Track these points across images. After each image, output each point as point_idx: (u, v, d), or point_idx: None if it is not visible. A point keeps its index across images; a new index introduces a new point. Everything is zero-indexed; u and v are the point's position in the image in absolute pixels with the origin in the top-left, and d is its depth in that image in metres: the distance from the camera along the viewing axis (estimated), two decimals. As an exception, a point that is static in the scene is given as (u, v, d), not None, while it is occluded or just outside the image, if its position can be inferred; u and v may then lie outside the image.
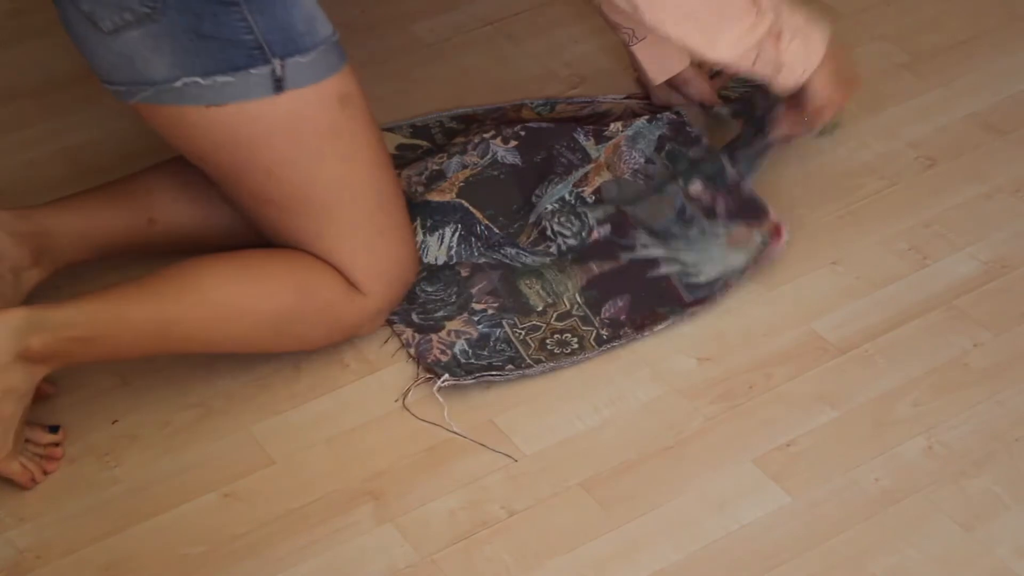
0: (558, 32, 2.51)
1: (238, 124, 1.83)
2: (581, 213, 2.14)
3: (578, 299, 2.06)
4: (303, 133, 1.85)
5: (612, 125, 2.25)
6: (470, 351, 1.99)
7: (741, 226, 2.12)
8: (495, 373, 1.96)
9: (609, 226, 2.12)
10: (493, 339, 2.01)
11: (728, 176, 2.18)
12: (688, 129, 2.27)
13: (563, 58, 2.46)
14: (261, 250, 1.94)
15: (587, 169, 2.18)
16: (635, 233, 2.12)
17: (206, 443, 1.92)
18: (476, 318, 2.03)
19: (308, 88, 1.83)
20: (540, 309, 2.05)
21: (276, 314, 1.90)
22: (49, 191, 2.22)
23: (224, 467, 1.89)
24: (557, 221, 2.13)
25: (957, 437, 1.89)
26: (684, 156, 2.22)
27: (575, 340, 2.01)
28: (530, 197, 2.16)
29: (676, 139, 2.24)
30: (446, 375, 1.95)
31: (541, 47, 2.48)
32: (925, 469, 1.85)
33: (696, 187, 2.17)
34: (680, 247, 2.11)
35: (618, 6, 1.97)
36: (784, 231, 2.10)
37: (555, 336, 2.02)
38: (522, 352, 2.00)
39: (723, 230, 2.12)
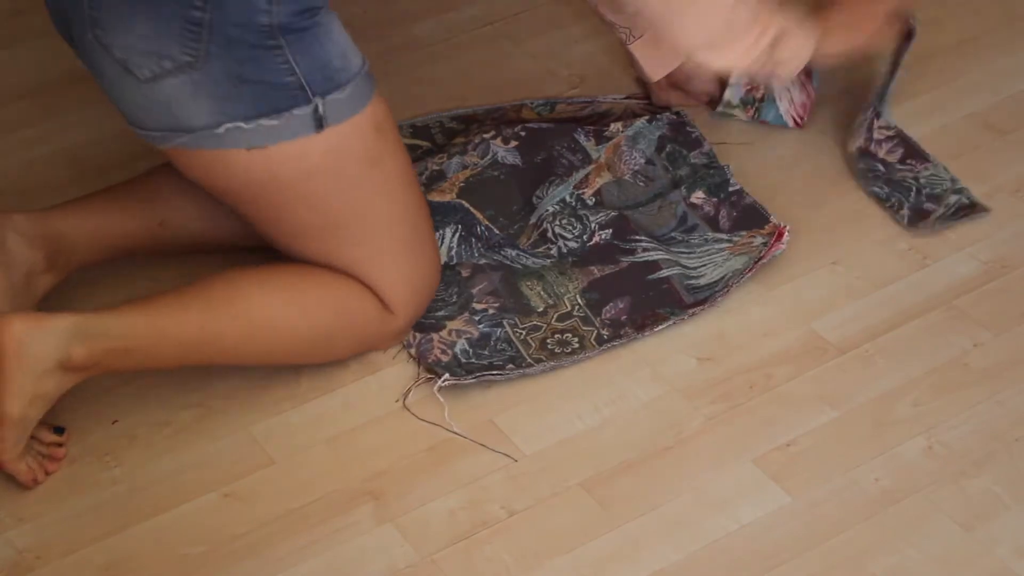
0: (558, 32, 2.51)
1: (280, 164, 1.81)
2: (582, 215, 2.14)
3: (579, 300, 2.06)
4: (343, 166, 1.85)
5: (612, 125, 2.25)
6: (471, 351, 1.99)
7: (744, 235, 2.12)
8: (496, 373, 1.96)
9: (610, 230, 2.12)
10: (494, 339, 2.01)
11: (731, 185, 2.18)
12: (688, 129, 2.27)
13: (563, 58, 2.46)
14: (298, 267, 1.93)
15: (588, 170, 2.18)
16: (636, 237, 2.12)
17: (206, 443, 1.92)
18: (477, 318, 2.03)
19: (346, 122, 1.83)
20: (541, 310, 2.05)
21: (314, 334, 1.92)
22: (49, 191, 2.22)
23: (224, 467, 1.89)
24: (558, 223, 2.13)
25: (957, 437, 1.89)
26: (685, 159, 2.23)
27: (576, 340, 2.01)
28: (530, 198, 2.16)
29: (676, 140, 2.25)
30: (447, 375, 1.95)
31: (541, 47, 2.48)
32: (925, 469, 1.85)
33: (698, 196, 2.17)
34: (681, 252, 2.11)
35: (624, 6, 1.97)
36: (785, 233, 2.10)
37: (556, 336, 2.02)
38: (523, 352, 2.00)
39: (726, 239, 2.12)
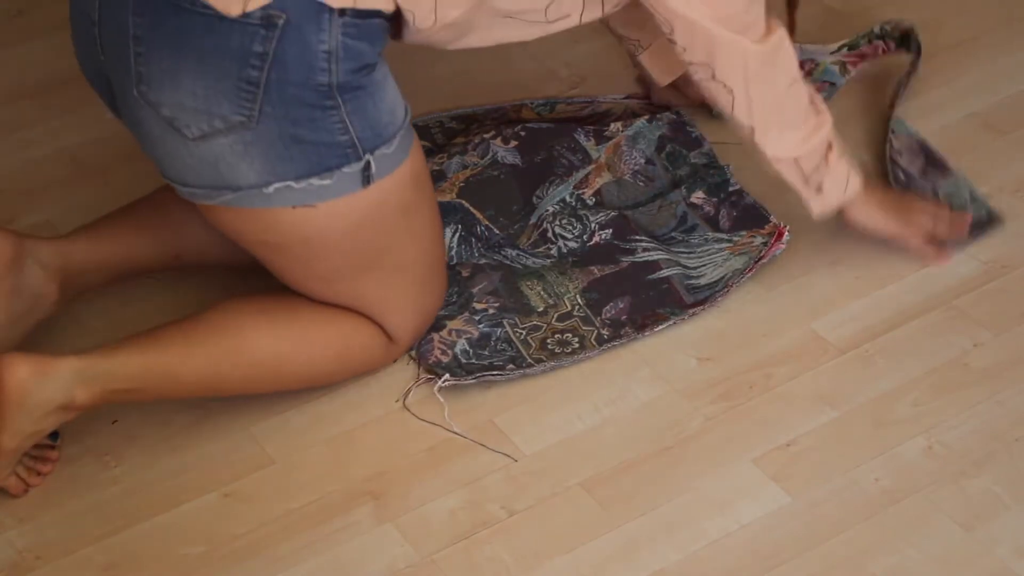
0: (558, 32, 2.50)
1: (325, 220, 1.79)
2: (582, 216, 2.14)
3: (579, 300, 2.06)
4: (382, 217, 1.83)
5: (612, 125, 2.25)
6: (471, 351, 1.99)
7: (744, 235, 2.12)
8: (496, 373, 1.96)
9: (610, 230, 2.12)
10: (494, 339, 2.01)
11: (731, 185, 2.18)
12: (688, 129, 2.27)
13: (563, 58, 2.46)
14: (305, 306, 1.91)
15: (588, 170, 2.18)
16: (636, 237, 2.12)
17: (206, 443, 1.92)
18: (477, 317, 2.03)
19: (389, 176, 1.81)
20: (541, 310, 2.05)
21: (316, 372, 1.93)
22: (49, 191, 2.22)
23: (224, 467, 1.89)
24: (558, 223, 2.13)
25: (957, 437, 1.89)
26: (685, 159, 2.23)
27: (576, 340, 2.01)
28: (530, 198, 2.16)
29: (676, 140, 2.25)
30: (447, 375, 1.95)
31: (541, 47, 2.48)
32: (925, 469, 1.85)
33: (699, 196, 2.18)
34: (681, 252, 2.11)
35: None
36: (786, 233, 2.10)
37: (556, 336, 2.02)
38: (523, 352, 2.00)
39: (726, 239, 2.12)
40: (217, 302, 1.89)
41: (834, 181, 2.00)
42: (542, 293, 2.07)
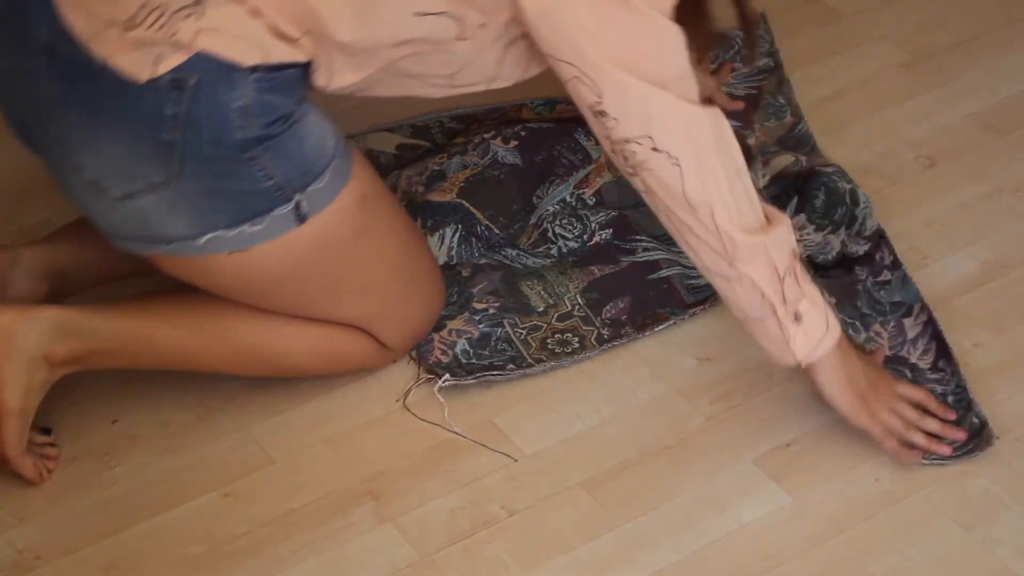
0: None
1: (266, 262, 1.79)
2: (583, 215, 2.14)
3: (579, 300, 2.06)
4: (331, 246, 1.82)
5: (612, 125, 2.25)
6: (471, 351, 1.99)
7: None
8: (496, 373, 1.96)
9: (611, 230, 2.12)
10: (494, 339, 2.01)
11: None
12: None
13: (563, 58, 2.46)
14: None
15: (588, 170, 2.18)
16: (636, 237, 2.12)
17: (206, 443, 1.92)
18: (477, 317, 2.03)
19: (328, 207, 1.78)
20: (541, 310, 2.05)
21: (296, 367, 1.93)
22: (48, 191, 2.21)
23: (224, 467, 1.89)
24: (558, 223, 2.13)
25: (957, 437, 1.89)
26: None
27: (576, 340, 2.01)
28: (531, 198, 2.16)
29: (676, 139, 2.24)
30: (447, 375, 1.95)
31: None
32: (925, 469, 1.85)
33: None
34: (682, 252, 2.10)
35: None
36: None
37: (556, 336, 2.02)
38: (523, 352, 2.00)
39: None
40: None
41: (813, 309, 1.78)
42: (542, 293, 2.07)
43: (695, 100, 1.72)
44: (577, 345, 2.01)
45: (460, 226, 2.11)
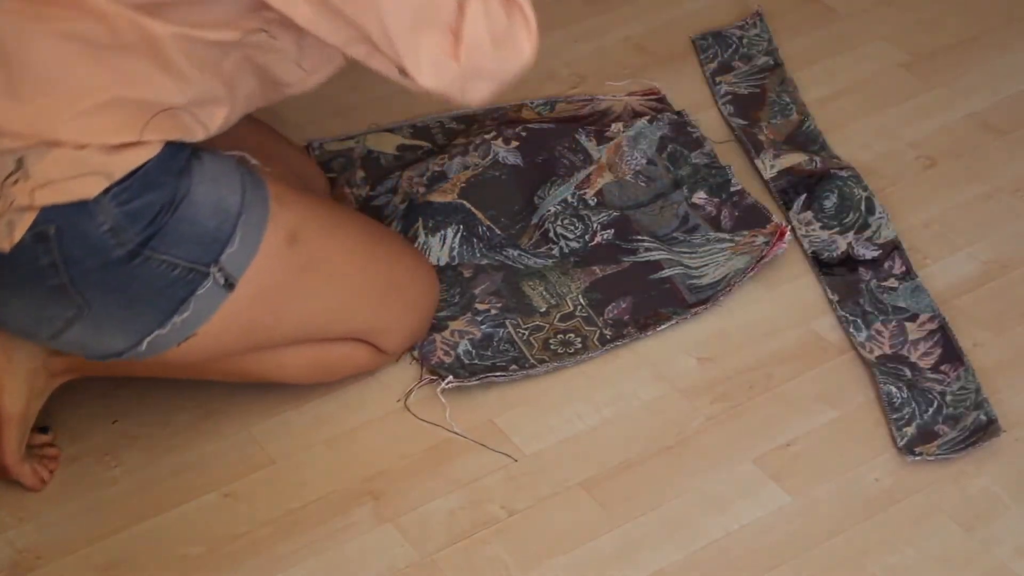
0: (558, 32, 2.51)
1: (216, 336, 1.76)
2: (584, 216, 2.14)
3: (581, 300, 2.06)
4: (277, 294, 1.79)
5: (613, 126, 2.25)
6: (474, 351, 1.99)
7: (745, 234, 2.12)
8: (499, 374, 1.96)
9: (612, 230, 2.12)
10: (496, 339, 2.01)
11: (732, 185, 2.18)
12: (690, 130, 2.27)
13: (563, 58, 2.46)
14: None
15: (589, 170, 2.18)
16: (638, 237, 2.12)
17: (206, 443, 1.92)
18: (479, 318, 2.03)
19: (253, 263, 1.74)
20: (543, 310, 2.05)
21: (291, 376, 1.91)
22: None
23: (224, 467, 1.89)
24: (560, 223, 2.13)
25: (957, 437, 1.89)
26: (687, 159, 2.23)
27: (578, 340, 2.01)
28: (532, 198, 2.16)
29: (678, 140, 2.25)
30: (450, 376, 1.95)
31: (541, 47, 2.47)
32: (925, 469, 1.85)
33: (700, 196, 2.17)
34: (683, 252, 2.11)
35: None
36: (787, 233, 2.10)
37: (558, 336, 2.02)
38: (526, 352, 2.00)
39: (728, 239, 2.12)
40: None
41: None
42: (544, 293, 2.07)
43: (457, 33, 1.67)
44: (580, 345, 2.01)
45: (461, 226, 2.11)
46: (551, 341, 2.01)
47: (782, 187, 2.19)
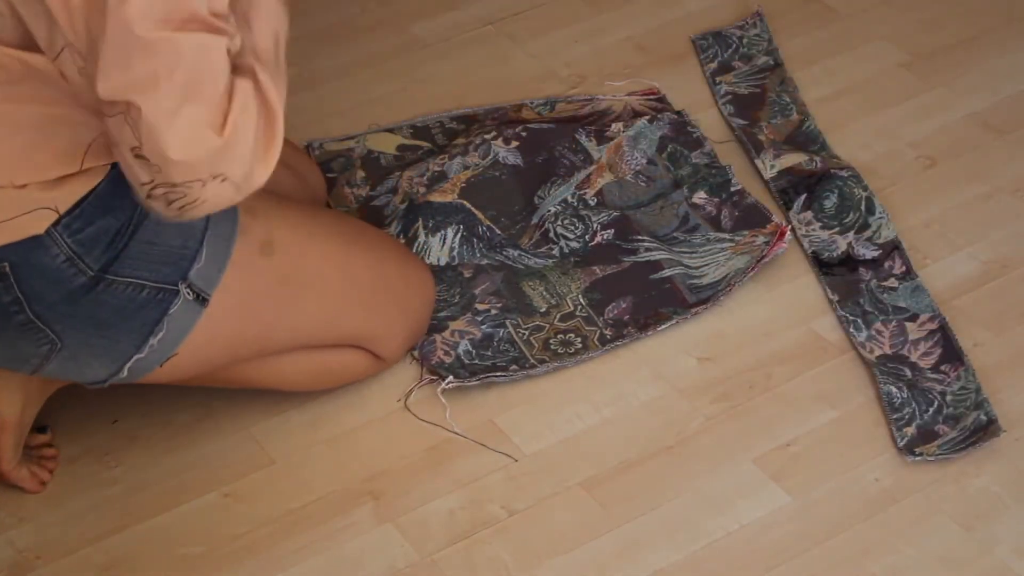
0: (558, 32, 2.51)
1: (199, 352, 1.74)
2: (584, 216, 2.14)
3: (581, 300, 2.06)
4: (258, 304, 1.77)
5: (613, 126, 2.25)
6: (474, 352, 1.99)
7: (746, 234, 2.12)
8: (499, 374, 1.96)
9: (612, 230, 2.12)
10: (497, 339, 2.01)
11: (732, 185, 2.18)
12: (690, 130, 2.27)
13: (563, 58, 2.46)
14: None
15: (589, 170, 2.18)
16: (638, 237, 2.12)
17: (206, 443, 1.92)
18: (479, 318, 2.03)
19: (224, 277, 1.72)
20: (543, 310, 2.05)
21: (291, 383, 1.91)
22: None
23: (224, 467, 1.89)
24: (560, 223, 2.13)
25: (957, 437, 1.89)
26: (687, 159, 2.23)
27: (579, 340, 2.01)
28: (532, 198, 2.16)
29: (678, 140, 2.25)
30: (450, 376, 1.95)
31: (541, 47, 2.48)
32: (925, 469, 1.85)
33: (700, 196, 2.17)
34: (683, 251, 2.11)
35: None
36: (787, 233, 2.10)
37: (559, 336, 2.02)
38: (526, 352, 2.00)
39: (728, 239, 2.12)
40: None
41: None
42: (544, 293, 2.07)
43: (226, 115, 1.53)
44: (580, 345, 2.01)
45: (462, 227, 2.11)
46: (551, 341, 2.01)
47: (782, 187, 2.19)
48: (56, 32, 1.52)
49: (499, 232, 2.12)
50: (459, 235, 2.11)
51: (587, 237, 2.12)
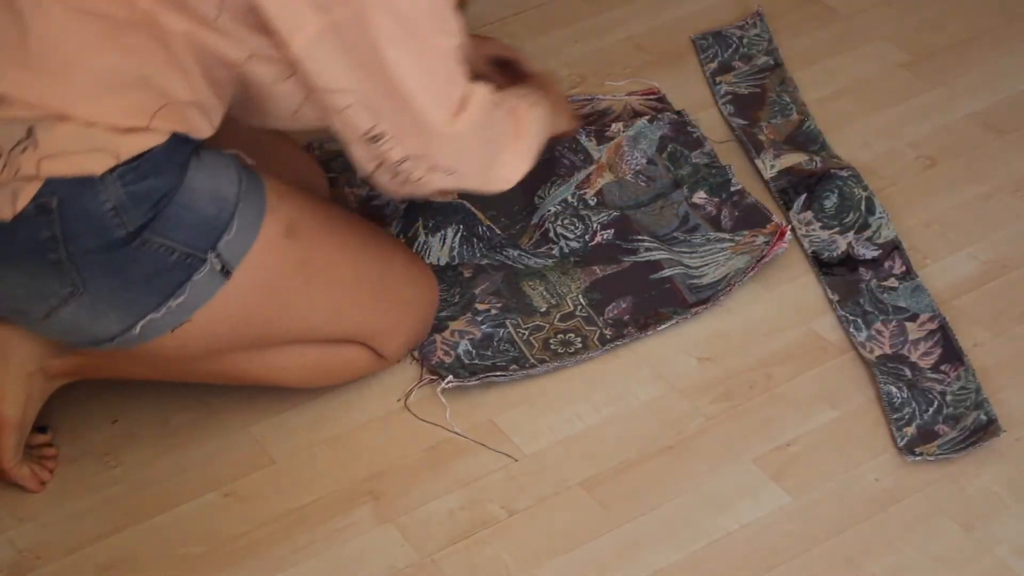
0: (558, 32, 2.51)
1: (211, 323, 1.76)
2: (584, 216, 2.14)
3: (581, 300, 2.06)
4: (273, 286, 1.80)
5: (613, 125, 2.25)
6: (474, 351, 1.99)
7: (746, 234, 2.12)
8: (499, 374, 1.96)
9: (612, 230, 2.12)
10: (497, 339, 2.01)
11: (732, 185, 2.18)
12: (690, 129, 2.27)
13: (563, 58, 2.46)
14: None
15: (589, 170, 2.18)
16: (638, 237, 2.12)
17: (206, 443, 1.92)
18: (479, 318, 2.03)
19: (250, 252, 1.75)
20: (543, 310, 2.05)
21: (293, 379, 1.91)
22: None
23: (224, 467, 1.89)
24: (560, 223, 2.13)
25: (957, 437, 1.89)
26: (687, 160, 2.23)
27: (579, 340, 2.01)
28: (532, 198, 2.16)
29: (678, 140, 2.25)
30: (450, 376, 1.95)
31: (541, 47, 2.48)
32: (925, 469, 1.85)
33: (700, 196, 2.17)
34: (683, 251, 2.11)
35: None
36: (787, 233, 2.10)
37: (559, 336, 2.02)
38: (526, 352, 2.00)
39: (728, 238, 2.12)
40: None
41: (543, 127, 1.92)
42: (544, 293, 2.07)
43: (464, 102, 1.76)
44: (580, 345, 2.01)
45: (462, 227, 2.11)
46: (551, 341, 2.01)
47: (782, 187, 2.19)
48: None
49: (499, 232, 2.12)
50: (459, 235, 2.11)
51: (587, 237, 2.12)
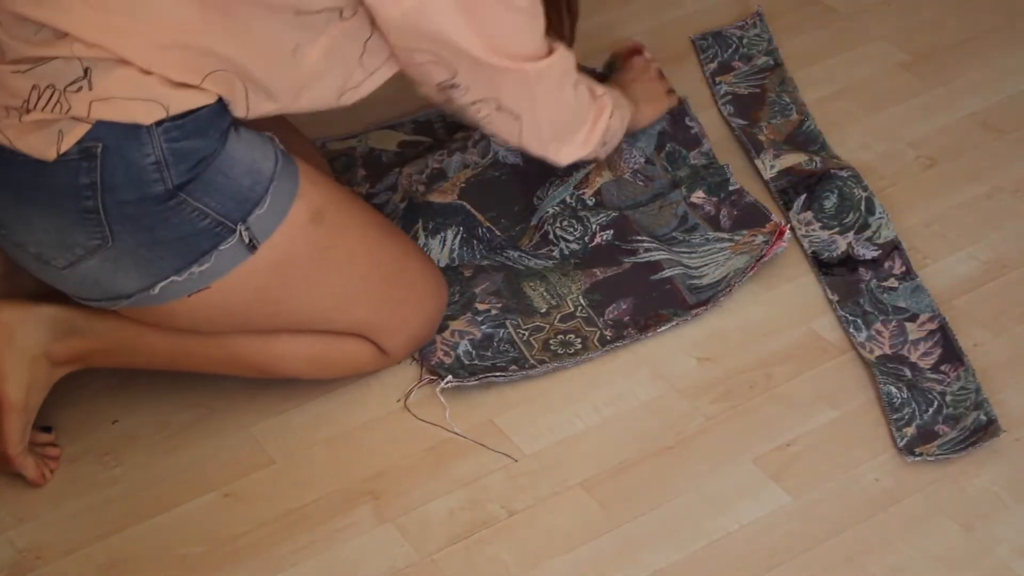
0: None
1: (227, 295, 1.78)
2: (583, 217, 2.14)
3: (581, 301, 2.06)
4: (293, 268, 1.81)
5: (613, 124, 2.25)
6: (474, 352, 1.99)
7: (745, 234, 2.12)
8: (499, 374, 1.96)
9: (612, 231, 2.12)
10: (496, 339, 2.01)
11: (731, 184, 2.18)
12: (688, 123, 2.27)
13: (563, 58, 2.46)
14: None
15: (588, 170, 2.18)
16: (637, 238, 2.12)
17: (206, 443, 1.92)
18: (480, 318, 2.03)
19: (277, 230, 1.77)
20: (543, 310, 2.05)
21: (292, 371, 1.92)
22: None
23: (224, 467, 1.89)
24: (559, 225, 2.13)
25: (957, 437, 1.89)
26: (685, 159, 2.23)
27: (579, 340, 2.01)
28: (532, 198, 2.16)
29: (676, 138, 2.25)
30: (449, 376, 1.95)
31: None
32: (925, 469, 1.85)
33: (699, 195, 2.17)
34: (683, 252, 2.11)
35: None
36: (787, 232, 2.10)
37: (559, 336, 2.02)
38: (526, 353, 2.00)
39: (728, 238, 2.12)
40: None
41: (617, 132, 2.03)
42: (544, 294, 2.07)
43: (541, 54, 1.83)
44: (580, 346, 2.01)
45: (462, 228, 2.11)
46: (551, 342, 2.01)
47: (782, 187, 2.19)
48: None
49: (499, 234, 2.12)
50: (459, 237, 2.10)
51: (586, 238, 2.12)
